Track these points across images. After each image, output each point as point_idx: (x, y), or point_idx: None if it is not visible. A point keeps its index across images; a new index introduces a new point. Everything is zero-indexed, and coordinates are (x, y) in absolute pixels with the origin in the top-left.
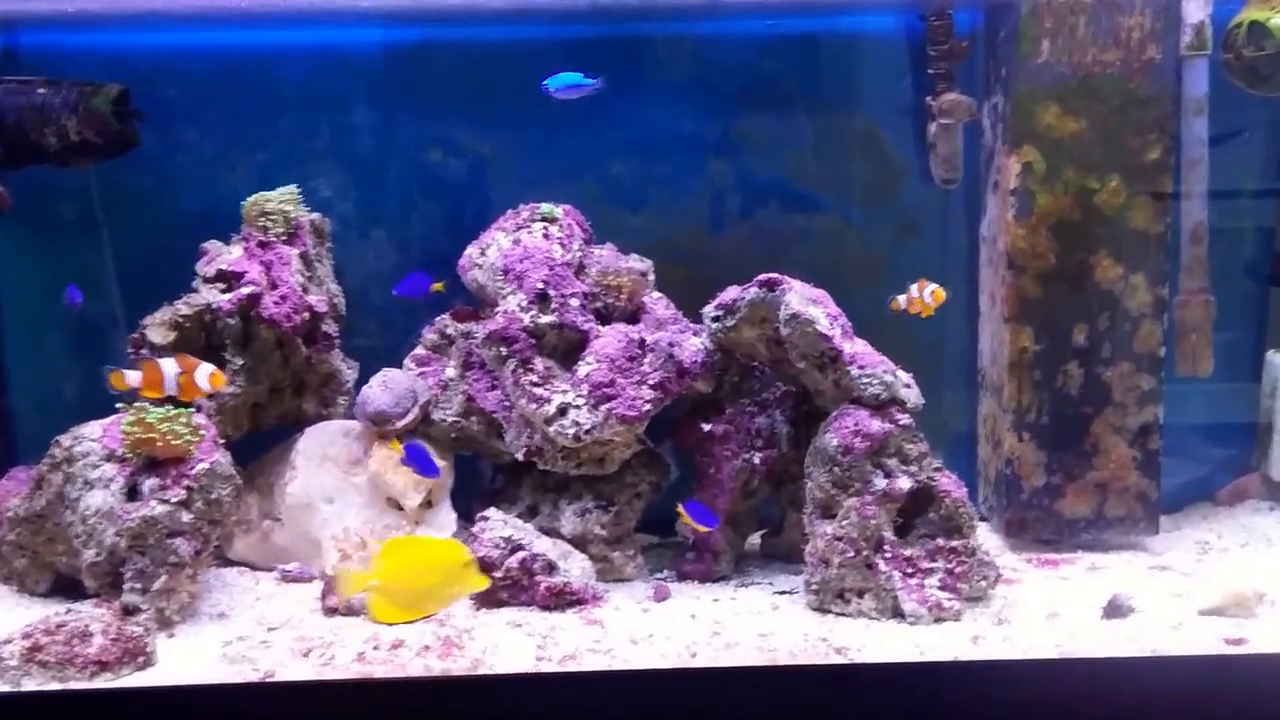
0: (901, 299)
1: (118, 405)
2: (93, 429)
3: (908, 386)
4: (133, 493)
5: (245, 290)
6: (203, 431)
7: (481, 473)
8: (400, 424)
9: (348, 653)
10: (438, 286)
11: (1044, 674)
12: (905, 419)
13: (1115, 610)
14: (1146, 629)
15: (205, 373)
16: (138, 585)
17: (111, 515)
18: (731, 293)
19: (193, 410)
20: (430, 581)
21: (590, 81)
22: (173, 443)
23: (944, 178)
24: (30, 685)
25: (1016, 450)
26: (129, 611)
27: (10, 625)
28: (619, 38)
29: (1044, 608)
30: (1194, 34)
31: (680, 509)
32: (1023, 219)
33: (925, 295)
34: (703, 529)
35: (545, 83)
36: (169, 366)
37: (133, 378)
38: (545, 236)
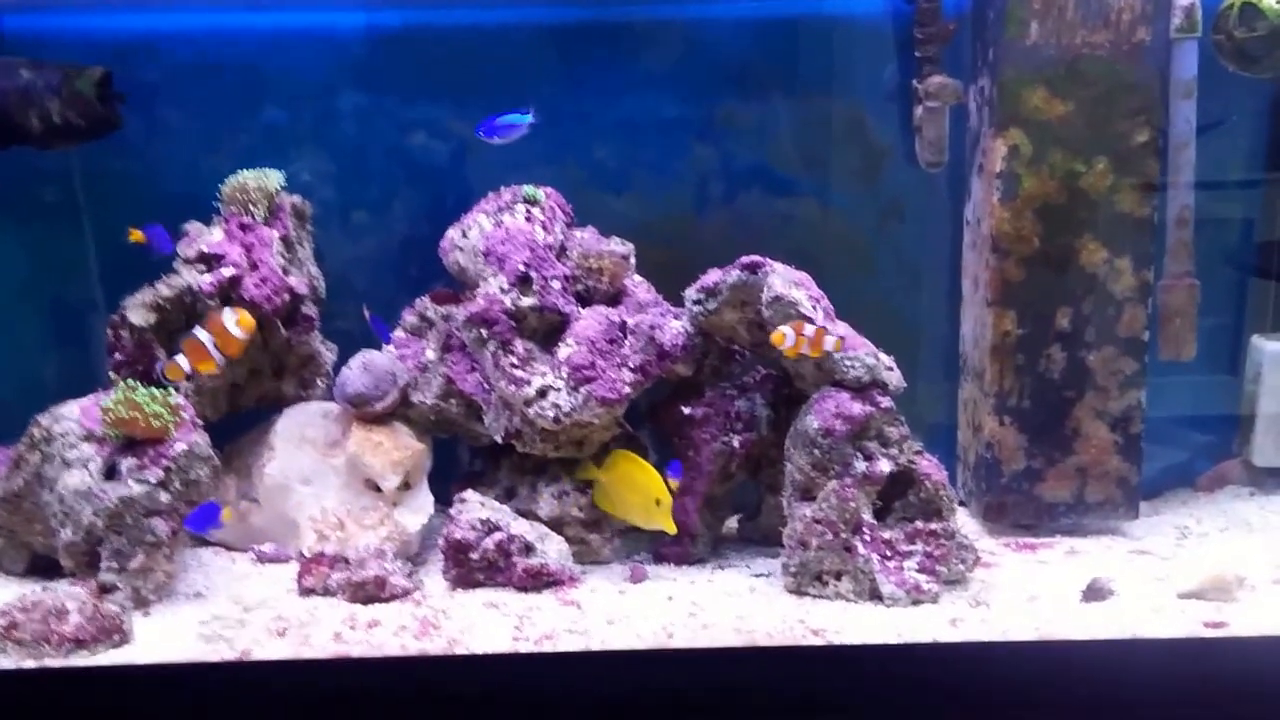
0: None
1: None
2: (71, 409)
3: (889, 369)
4: (110, 473)
5: (226, 272)
6: (182, 412)
7: (459, 457)
8: (379, 406)
9: (324, 632)
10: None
11: (1022, 656)
12: (886, 402)
13: (1095, 593)
14: (1126, 612)
15: (232, 320)
16: (114, 564)
17: (89, 495)
18: (713, 276)
19: (172, 391)
20: (632, 499)
21: (525, 117)
22: (153, 423)
23: (929, 161)
24: (5, 663)
25: (997, 434)
26: (105, 590)
27: None
28: (602, 21)
29: (1022, 591)
30: (1184, 16)
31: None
32: (1008, 202)
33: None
34: (674, 483)
35: (479, 129)
36: (203, 335)
37: (183, 362)
38: (527, 219)
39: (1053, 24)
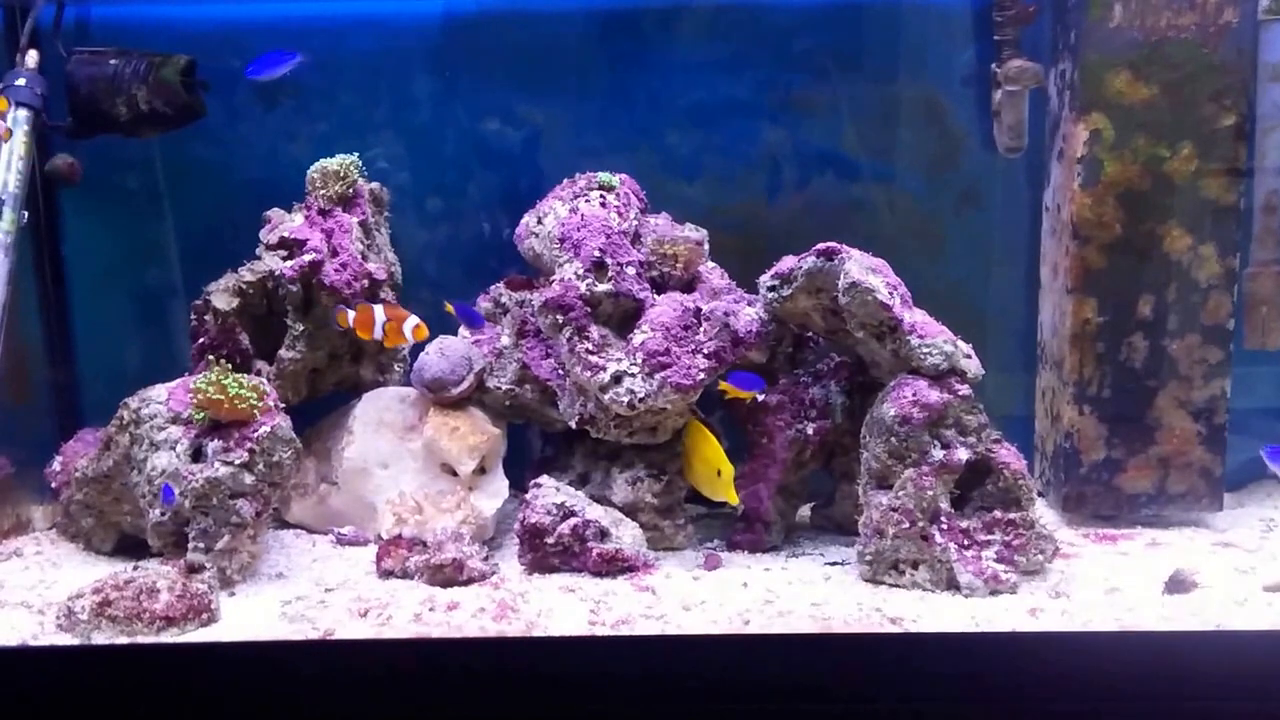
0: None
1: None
2: (159, 392)
3: (968, 357)
4: (197, 455)
5: (307, 258)
6: (266, 396)
7: (530, 443)
8: (455, 391)
9: (404, 613)
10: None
11: (1103, 647)
12: (964, 389)
13: (1178, 585)
14: (1210, 605)
15: (410, 325)
16: (201, 545)
17: (176, 476)
18: (788, 262)
19: (258, 375)
20: (697, 468)
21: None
22: (238, 406)
23: (1009, 146)
24: (100, 639)
25: (1076, 424)
26: (193, 570)
27: (77, 582)
28: (676, 6)
29: (1103, 582)
30: None
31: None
32: (1089, 188)
33: None
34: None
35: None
36: (379, 313)
37: (351, 317)
38: (602, 205)
39: (1136, 6)
